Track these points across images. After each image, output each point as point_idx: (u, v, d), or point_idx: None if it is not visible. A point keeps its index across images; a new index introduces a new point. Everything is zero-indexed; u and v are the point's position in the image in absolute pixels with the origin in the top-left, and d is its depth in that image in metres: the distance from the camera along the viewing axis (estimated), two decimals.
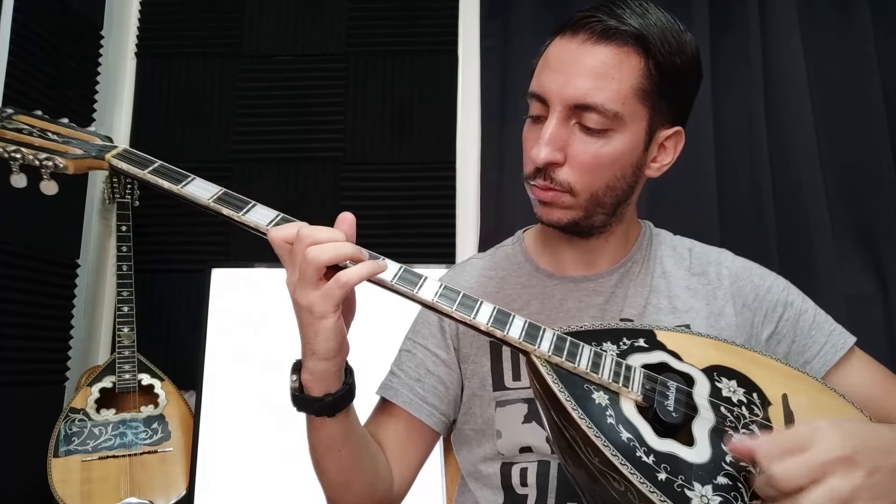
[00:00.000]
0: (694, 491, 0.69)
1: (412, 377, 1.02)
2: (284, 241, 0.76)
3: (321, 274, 0.74)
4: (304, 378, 0.80)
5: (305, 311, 0.75)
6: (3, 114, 0.80)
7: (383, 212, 2.14)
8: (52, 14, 1.90)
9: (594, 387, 0.76)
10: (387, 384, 1.03)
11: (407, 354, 1.05)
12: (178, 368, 1.98)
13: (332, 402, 0.81)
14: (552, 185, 0.90)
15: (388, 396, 1.01)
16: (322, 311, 0.74)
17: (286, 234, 0.76)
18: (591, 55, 0.88)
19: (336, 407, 0.82)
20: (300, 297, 0.75)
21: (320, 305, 0.74)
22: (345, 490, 0.91)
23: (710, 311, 0.99)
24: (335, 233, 0.75)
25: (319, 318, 0.75)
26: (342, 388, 0.82)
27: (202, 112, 2.22)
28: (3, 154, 0.77)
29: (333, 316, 0.75)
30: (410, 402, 0.99)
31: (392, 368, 1.05)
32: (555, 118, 0.89)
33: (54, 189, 0.78)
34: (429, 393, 1.00)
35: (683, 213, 1.93)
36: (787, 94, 1.99)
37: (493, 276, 1.07)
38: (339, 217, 0.78)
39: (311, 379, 0.80)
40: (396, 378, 1.02)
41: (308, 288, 0.74)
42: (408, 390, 1.00)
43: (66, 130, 0.82)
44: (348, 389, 0.83)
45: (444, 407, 1.01)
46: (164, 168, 0.80)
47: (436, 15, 2.23)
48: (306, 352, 0.78)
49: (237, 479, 1.75)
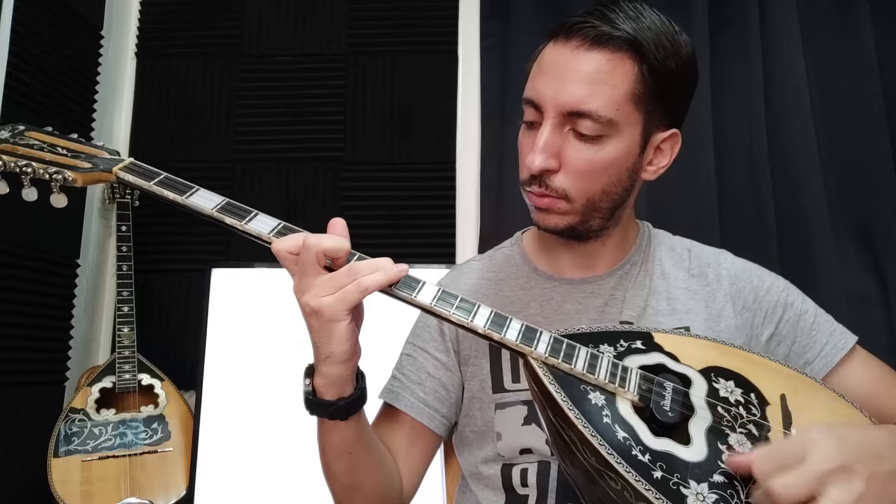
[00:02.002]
0: (690, 489, 0.70)
1: (413, 381, 1.02)
2: (289, 253, 0.77)
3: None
4: (318, 382, 0.81)
5: (314, 316, 0.76)
6: (15, 130, 0.83)
7: (383, 212, 2.14)
8: (52, 14, 1.90)
9: (590, 387, 0.77)
10: (389, 388, 1.03)
11: (408, 358, 1.05)
12: (178, 368, 1.98)
13: (345, 406, 0.81)
14: (548, 191, 0.90)
15: (390, 400, 1.01)
16: (336, 314, 0.75)
17: (290, 245, 0.77)
18: (585, 61, 0.87)
19: (349, 410, 0.82)
20: (310, 301, 0.75)
21: (334, 308, 0.75)
22: (355, 493, 0.91)
23: (710, 313, 0.99)
24: (341, 241, 0.76)
25: (332, 321, 0.75)
26: (355, 392, 0.82)
27: (202, 112, 2.23)
28: (15, 169, 0.79)
29: (346, 318, 0.76)
30: (412, 406, 0.99)
31: (393, 373, 1.05)
32: (549, 125, 0.89)
33: (64, 202, 0.81)
34: (430, 396, 1.01)
35: (683, 213, 1.93)
36: (787, 94, 1.99)
37: (491, 278, 1.07)
38: (332, 222, 0.79)
39: (325, 383, 0.80)
40: (398, 382, 1.03)
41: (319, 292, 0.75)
42: (409, 394, 1.00)
43: (74, 145, 0.85)
44: (361, 393, 0.83)
45: (445, 410, 1.01)
46: (168, 180, 0.82)
47: (436, 15, 2.23)
48: (320, 356, 0.79)
49: (237, 479, 1.75)
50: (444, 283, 1.09)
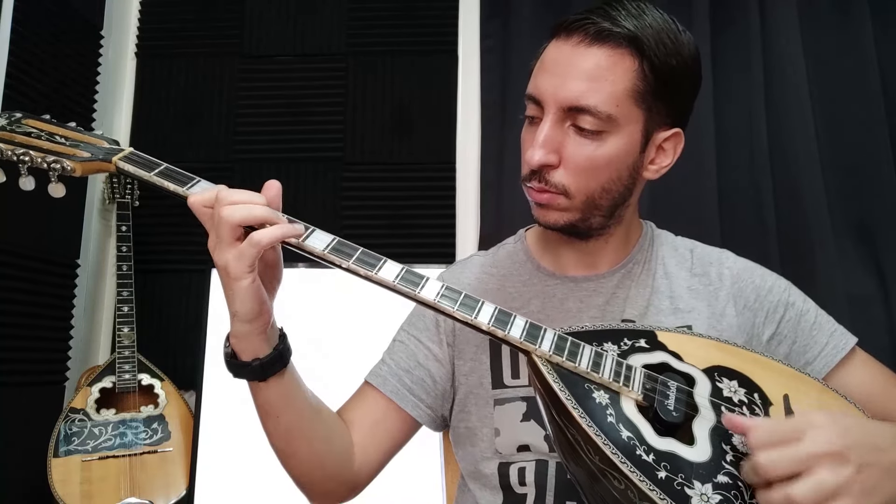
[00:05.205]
0: (694, 489, 0.69)
1: (402, 368, 1.02)
2: (203, 206, 0.77)
3: (237, 234, 0.75)
4: (232, 343, 0.82)
5: (223, 272, 0.77)
6: (12, 117, 0.82)
7: (383, 212, 2.14)
8: (52, 14, 1.90)
9: (595, 386, 0.76)
10: (376, 372, 1.03)
11: (400, 345, 1.05)
12: (178, 368, 1.98)
13: (259, 367, 0.82)
14: (547, 187, 0.91)
15: (375, 384, 1.01)
16: (237, 271, 0.75)
17: (205, 198, 0.77)
18: (585, 57, 0.88)
19: (265, 371, 0.83)
20: (217, 258, 0.76)
21: (235, 266, 0.75)
22: (290, 458, 0.91)
23: (712, 312, 0.99)
24: (253, 195, 0.77)
25: (235, 279, 0.76)
26: (271, 354, 0.82)
27: (202, 112, 2.22)
28: (12, 157, 0.78)
29: (248, 277, 0.76)
30: (397, 392, 1.00)
31: (383, 356, 1.05)
32: (549, 120, 0.89)
33: (62, 191, 0.79)
34: (416, 385, 1.01)
35: (683, 213, 1.93)
36: (788, 94, 1.99)
37: (494, 274, 1.07)
38: (266, 184, 0.80)
39: (237, 342, 0.82)
40: (386, 366, 1.03)
41: (224, 248, 0.75)
42: (396, 380, 1.01)
43: (73, 134, 0.84)
44: (278, 354, 0.83)
45: (430, 400, 1.01)
46: (169, 170, 0.81)
47: (436, 15, 2.23)
48: (230, 315, 0.80)
49: (237, 479, 1.75)
50: (446, 278, 1.09)
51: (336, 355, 1.70)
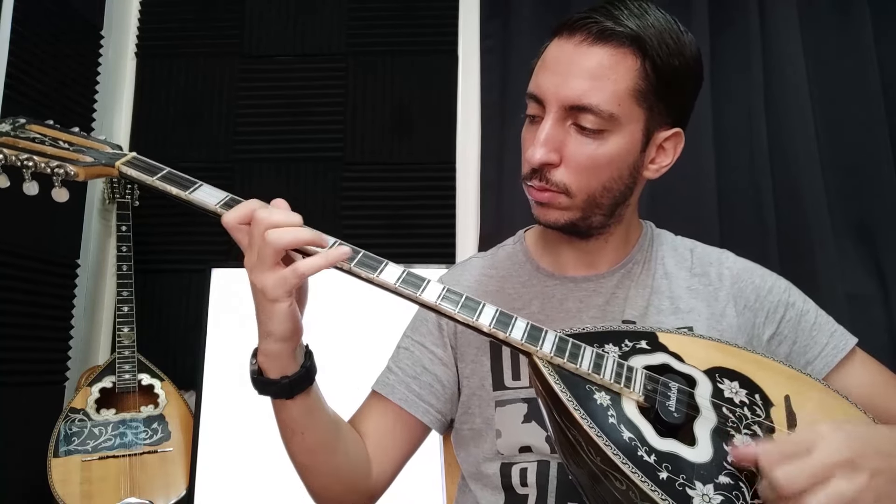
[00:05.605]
0: (695, 490, 0.70)
1: (409, 374, 1.02)
2: (239, 224, 0.77)
3: (279, 258, 0.75)
4: (261, 360, 0.82)
5: (259, 294, 0.77)
6: (16, 123, 0.82)
7: (383, 212, 2.14)
8: (52, 14, 1.90)
9: (596, 387, 0.77)
10: (383, 380, 1.03)
11: (405, 352, 1.05)
12: (178, 368, 1.98)
13: (288, 385, 0.82)
14: (548, 185, 0.91)
15: (384, 393, 1.01)
16: (276, 295, 0.75)
17: (240, 215, 0.77)
18: (587, 56, 0.88)
19: (293, 389, 0.83)
20: (256, 280, 0.76)
21: (274, 290, 0.75)
22: (311, 473, 0.92)
23: (712, 312, 0.99)
24: (290, 215, 0.77)
25: (273, 301, 0.76)
26: (299, 371, 0.83)
27: (202, 112, 2.22)
28: (16, 162, 0.79)
29: (287, 300, 0.76)
30: (406, 400, 1.00)
31: (389, 364, 1.05)
32: (550, 119, 0.89)
33: (65, 196, 0.80)
34: (425, 391, 1.01)
35: (683, 213, 1.93)
36: (788, 94, 1.99)
37: (493, 276, 1.07)
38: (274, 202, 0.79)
39: (266, 360, 0.81)
40: (393, 375, 1.03)
41: (264, 271, 0.75)
42: (404, 387, 1.01)
43: (76, 139, 0.84)
44: (305, 372, 0.83)
45: (440, 405, 1.01)
46: (172, 175, 0.82)
47: (436, 15, 2.23)
48: (262, 333, 0.80)
49: (237, 479, 1.75)
50: (446, 280, 1.09)
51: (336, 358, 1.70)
